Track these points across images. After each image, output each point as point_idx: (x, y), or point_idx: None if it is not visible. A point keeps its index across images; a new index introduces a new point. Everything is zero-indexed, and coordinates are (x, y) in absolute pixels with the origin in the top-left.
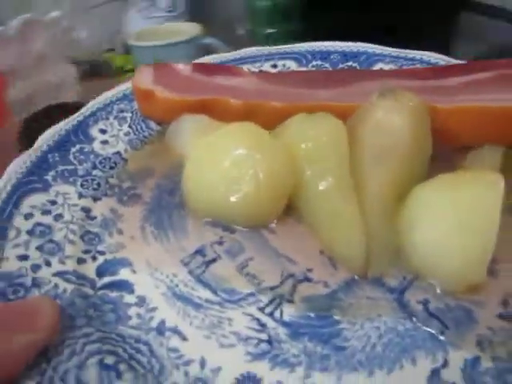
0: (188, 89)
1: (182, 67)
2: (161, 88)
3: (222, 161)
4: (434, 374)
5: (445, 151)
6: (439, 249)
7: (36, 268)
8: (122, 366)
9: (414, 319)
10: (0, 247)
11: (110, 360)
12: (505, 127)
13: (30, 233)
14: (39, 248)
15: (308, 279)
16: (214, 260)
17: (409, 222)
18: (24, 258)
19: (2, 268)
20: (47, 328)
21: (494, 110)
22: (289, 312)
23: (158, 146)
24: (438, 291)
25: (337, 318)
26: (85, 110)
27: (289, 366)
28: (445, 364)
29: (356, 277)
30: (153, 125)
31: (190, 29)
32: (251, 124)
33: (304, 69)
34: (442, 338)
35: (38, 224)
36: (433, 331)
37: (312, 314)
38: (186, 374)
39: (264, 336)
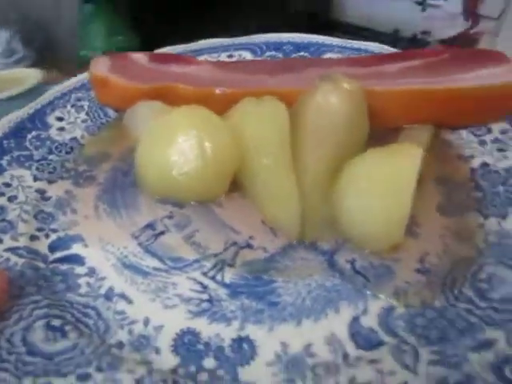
0: (143, 77)
1: (139, 56)
2: (117, 76)
3: (171, 140)
4: (355, 320)
5: (381, 131)
6: (364, 214)
7: None
8: (68, 327)
9: (341, 276)
10: None
11: (56, 322)
12: (432, 108)
13: None
14: None
15: (249, 246)
16: (162, 232)
17: (340, 191)
18: None
19: None
20: None
21: (423, 91)
22: (230, 275)
23: (115, 131)
24: (364, 252)
25: (272, 278)
26: (42, 99)
27: (226, 321)
28: (364, 312)
29: (293, 242)
30: (110, 112)
31: (29, 76)
32: (200, 106)
33: (258, 59)
34: (363, 290)
35: None
36: (356, 285)
37: (250, 276)
38: (130, 332)
39: (205, 296)
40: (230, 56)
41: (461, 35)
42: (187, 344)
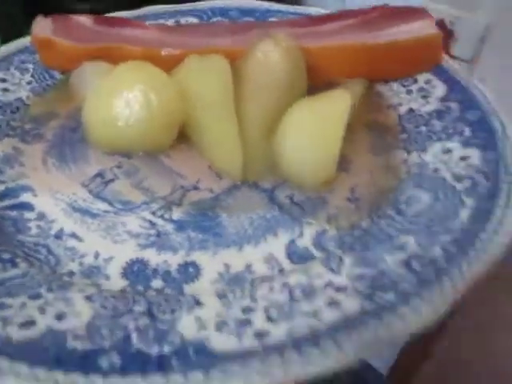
0: (89, 38)
1: (83, 19)
2: (61, 38)
3: (117, 93)
4: (291, 242)
5: (319, 85)
6: (300, 153)
7: None
8: (19, 260)
9: (280, 209)
10: None
11: (6, 256)
12: (364, 62)
13: None
14: None
15: (196, 188)
16: (111, 180)
17: (279, 136)
18: None
19: None
20: None
21: (355, 47)
22: (177, 213)
23: (62, 92)
24: (301, 188)
25: (217, 214)
26: None
27: (172, 250)
28: (300, 235)
29: (237, 183)
30: (57, 75)
31: None
32: (145, 62)
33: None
34: (300, 218)
35: None
36: (294, 215)
37: (196, 213)
38: (81, 264)
39: (153, 232)
40: (177, 22)
41: None
42: (136, 271)
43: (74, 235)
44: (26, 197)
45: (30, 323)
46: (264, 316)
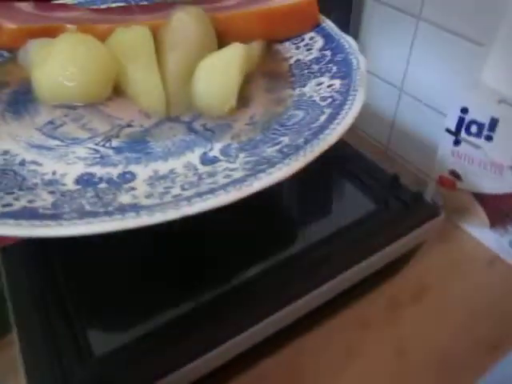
0: (31, 20)
1: (24, 5)
2: (5, 20)
3: (60, 57)
4: (204, 154)
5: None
6: (209, 90)
7: None
8: None
9: (196, 133)
10: None
11: None
12: (260, 26)
13: None
14: None
15: (130, 125)
16: (61, 125)
17: (193, 79)
18: None
19: None
20: None
21: (251, 14)
22: (115, 143)
23: (11, 66)
24: (212, 118)
25: (147, 140)
26: None
27: (113, 166)
28: (211, 149)
29: (162, 119)
30: (5, 54)
31: None
32: (82, 33)
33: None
34: (211, 139)
35: None
36: (206, 137)
37: (130, 141)
38: (42, 179)
39: (97, 155)
40: (107, 6)
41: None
42: (86, 179)
43: (34, 162)
44: None
45: (8, 205)
46: (179, 188)
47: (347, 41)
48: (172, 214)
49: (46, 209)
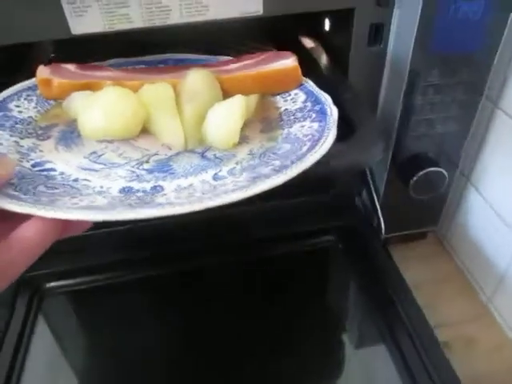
0: (73, 77)
1: (68, 65)
2: (56, 77)
3: (103, 104)
4: (215, 174)
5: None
6: (217, 129)
7: None
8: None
9: (208, 160)
10: None
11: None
12: (256, 84)
13: None
14: None
15: (156, 154)
16: (102, 154)
17: (205, 122)
18: None
19: None
20: None
21: (249, 75)
22: (146, 166)
23: (57, 111)
24: (220, 149)
25: (170, 164)
26: None
27: (147, 181)
28: (220, 171)
29: (181, 150)
30: (52, 102)
31: None
32: (118, 86)
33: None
34: (220, 164)
35: None
36: (216, 163)
37: (158, 165)
38: (94, 190)
39: (134, 175)
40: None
41: None
42: (126, 190)
43: (85, 179)
44: (49, 165)
45: (76, 204)
46: (200, 193)
47: (323, 96)
48: (197, 206)
49: (104, 206)
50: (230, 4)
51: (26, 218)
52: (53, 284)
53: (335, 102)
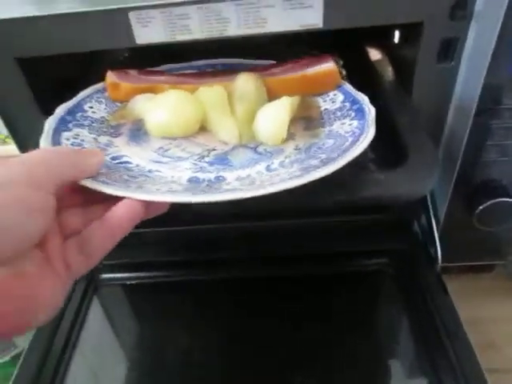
0: (138, 81)
1: (131, 71)
2: (122, 81)
3: (167, 105)
4: (267, 166)
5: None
6: (267, 127)
7: None
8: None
9: (259, 154)
10: None
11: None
12: (297, 86)
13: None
14: None
15: (214, 149)
16: (168, 149)
17: (256, 120)
18: None
19: None
20: None
21: (292, 78)
22: (208, 159)
23: (123, 112)
24: (269, 145)
25: (228, 157)
26: (72, 101)
27: (209, 172)
28: (272, 163)
29: (236, 145)
30: (118, 104)
31: None
32: (178, 90)
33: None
34: (271, 157)
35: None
36: (266, 155)
37: (217, 158)
38: (166, 181)
39: (197, 167)
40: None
41: None
42: (194, 180)
43: (157, 171)
44: (125, 158)
45: (158, 189)
46: (259, 182)
47: (360, 96)
48: (261, 191)
49: (182, 191)
50: (288, 17)
51: (115, 202)
52: (106, 276)
53: (392, 123)
